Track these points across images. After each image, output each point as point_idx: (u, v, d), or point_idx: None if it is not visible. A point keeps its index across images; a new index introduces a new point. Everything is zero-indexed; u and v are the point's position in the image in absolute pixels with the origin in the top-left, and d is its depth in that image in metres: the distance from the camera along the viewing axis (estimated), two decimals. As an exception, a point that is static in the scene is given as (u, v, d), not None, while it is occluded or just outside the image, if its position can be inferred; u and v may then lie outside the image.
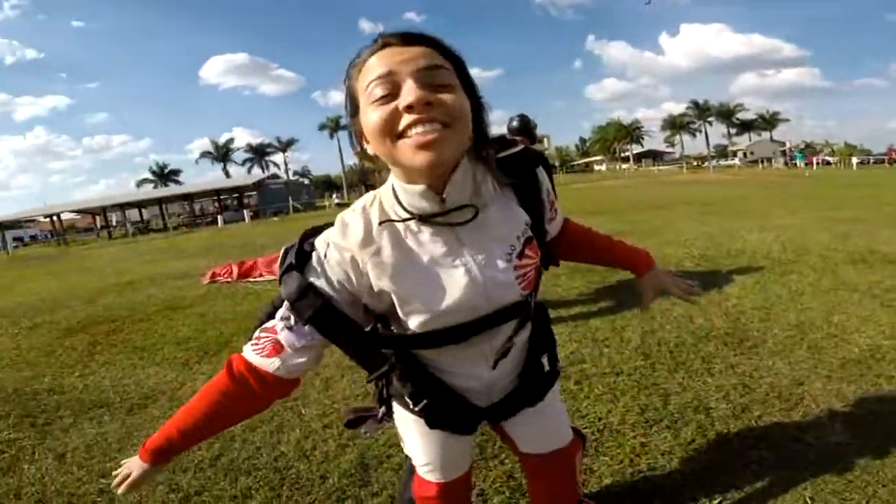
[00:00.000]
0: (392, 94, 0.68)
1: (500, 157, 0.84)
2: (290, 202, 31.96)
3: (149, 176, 52.06)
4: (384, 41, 0.71)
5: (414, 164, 0.69)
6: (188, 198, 40.51)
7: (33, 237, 46.59)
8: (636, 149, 68.19)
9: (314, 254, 0.80)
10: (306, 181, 55.26)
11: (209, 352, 3.69)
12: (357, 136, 0.78)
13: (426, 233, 0.78)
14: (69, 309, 6.15)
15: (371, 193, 0.83)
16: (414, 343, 0.83)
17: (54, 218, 38.08)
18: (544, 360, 0.99)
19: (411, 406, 0.92)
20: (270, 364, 0.80)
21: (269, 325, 0.83)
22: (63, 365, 3.72)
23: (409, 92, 0.67)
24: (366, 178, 72.39)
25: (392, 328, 0.85)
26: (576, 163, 77.00)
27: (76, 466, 2.17)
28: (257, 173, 50.08)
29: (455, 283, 0.78)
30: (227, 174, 52.80)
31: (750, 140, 65.66)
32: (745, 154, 59.96)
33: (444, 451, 1.02)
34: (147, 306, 5.71)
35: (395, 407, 1.00)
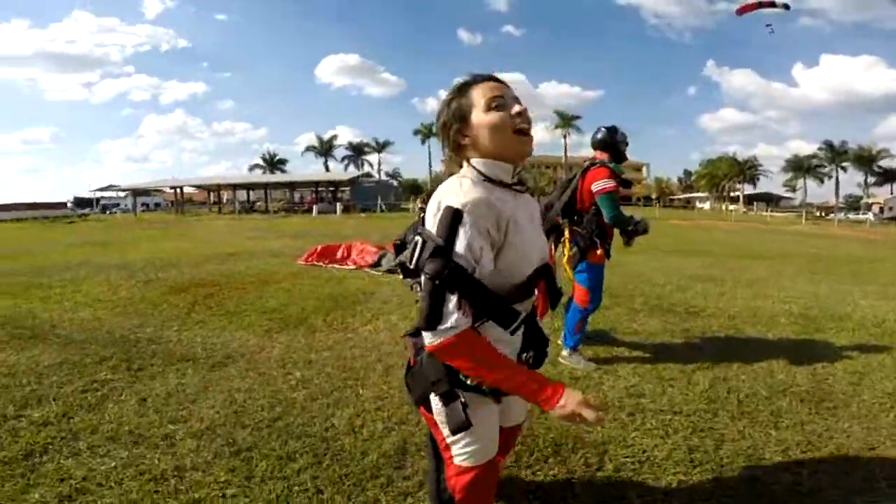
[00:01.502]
0: (504, 105, 1.08)
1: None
2: (379, 201, 33.43)
3: (260, 162, 56.84)
4: (485, 77, 1.12)
5: (519, 152, 1.11)
6: (290, 186, 43.77)
7: (157, 204, 52.79)
8: (748, 189, 60.34)
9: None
10: (395, 183, 57.32)
11: (290, 324, 4.04)
12: (457, 134, 1.12)
13: (506, 195, 1.10)
14: (178, 270, 6.97)
15: (455, 181, 1.10)
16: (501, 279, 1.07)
17: (177, 190, 42.96)
18: (527, 356, 1.19)
19: (482, 387, 1.12)
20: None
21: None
22: (165, 318, 4.24)
23: (518, 105, 1.10)
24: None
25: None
26: (676, 197, 72.09)
27: (153, 411, 2.46)
28: (353, 171, 52.93)
29: (529, 233, 1.11)
30: (327, 168, 56.08)
31: (892, 192, 54.47)
32: (881, 209, 50.29)
33: (489, 425, 1.21)
34: (243, 276, 6.32)
35: (461, 400, 1.13)
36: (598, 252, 3.08)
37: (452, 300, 0.99)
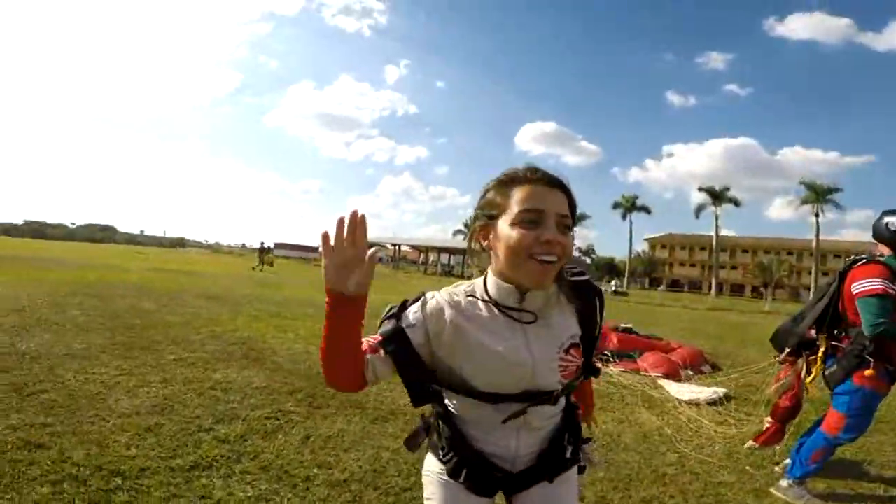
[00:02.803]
0: (536, 223, 0.92)
1: (572, 279, 1.06)
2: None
3: (462, 228, 61.91)
4: (534, 177, 0.97)
5: (532, 281, 0.94)
6: (487, 253, 46.30)
7: (381, 259, 61.85)
8: None
9: (421, 299, 1.03)
10: (588, 260, 55.37)
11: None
12: (478, 232, 1.02)
13: (501, 315, 1.00)
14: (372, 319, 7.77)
15: (469, 282, 1.07)
16: (463, 390, 1.00)
17: (396, 247, 49.45)
18: (568, 446, 1.10)
19: (441, 456, 1.08)
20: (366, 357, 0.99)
21: (375, 336, 1.00)
22: (355, 361, 4.64)
23: (550, 232, 0.92)
24: (653, 268, 66.28)
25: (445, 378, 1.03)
26: None
27: (309, 451, 2.61)
28: None
29: (512, 352, 0.98)
30: None
31: None
32: None
33: None
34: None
35: (426, 465, 1.14)
36: (868, 373, 2.33)
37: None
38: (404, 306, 1.01)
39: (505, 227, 0.94)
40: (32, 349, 4.01)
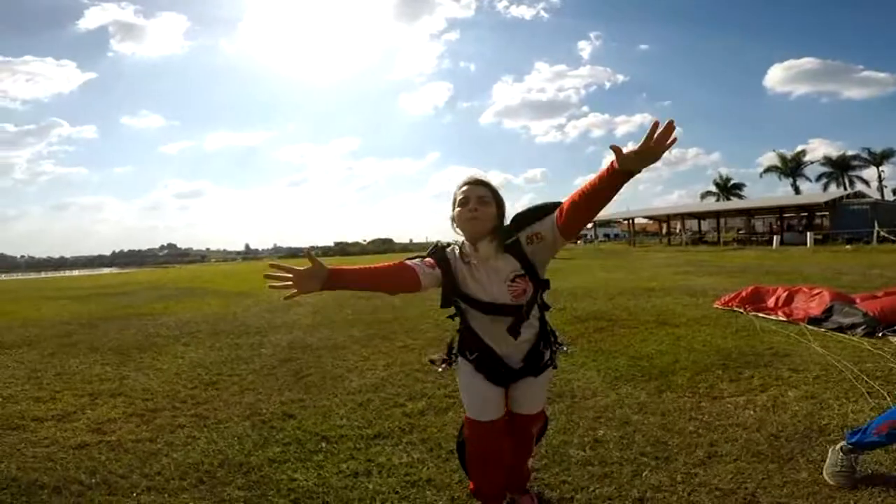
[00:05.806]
0: (464, 202, 1.73)
1: (506, 243, 1.72)
2: (876, 228, 24.15)
3: (713, 188, 52.65)
4: (464, 182, 1.77)
5: (470, 229, 1.73)
6: (747, 213, 38.80)
7: (616, 235, 58.81)
8: None
9: (442, 248, 1.82)
10: (905, 204, 40.30)
11: (647, 376, 3.67)
12: (455, 218, 1.79)
13: (470, 263, 1.76)
14: (591, 300, 7.60)
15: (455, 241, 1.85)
16: (466, 302, 1.77)
17: (630, 221, 46.14)
18: (546, 352, 1.85)
19: (468, 356, 1.81)
20: (419, 268, 1.69)
21: (421, 258, 1.77)
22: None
23: (472, 203, 1.71)
24: None
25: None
26: None
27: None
28: (835, 191, 40.77)
29: (478, 283, 1.74)
30: (797, 190, 45.82)
31: None
32: None
33: (483, 394, 1.79)
34: (644, 314, 6.25)
35: (459, 365, 1.87)
36: None
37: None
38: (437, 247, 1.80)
39: (456, 209, 1.75)
40: (314, 342, 5.43)
